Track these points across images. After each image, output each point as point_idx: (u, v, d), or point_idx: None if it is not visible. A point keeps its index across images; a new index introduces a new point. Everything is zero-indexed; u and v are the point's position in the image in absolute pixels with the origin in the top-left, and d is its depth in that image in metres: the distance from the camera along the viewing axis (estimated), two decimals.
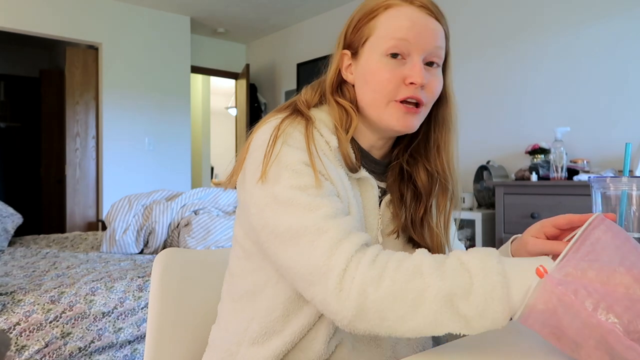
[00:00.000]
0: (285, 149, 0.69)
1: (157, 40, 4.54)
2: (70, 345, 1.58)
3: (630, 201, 0.69)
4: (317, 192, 0.66)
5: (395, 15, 0.74)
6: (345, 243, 0.61)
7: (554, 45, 2.87)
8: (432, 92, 0.77)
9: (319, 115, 0.77)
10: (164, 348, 0.86)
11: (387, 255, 0.61)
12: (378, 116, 0.76)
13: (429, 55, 0.75)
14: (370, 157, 0.82)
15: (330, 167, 0.71)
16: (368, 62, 0.76)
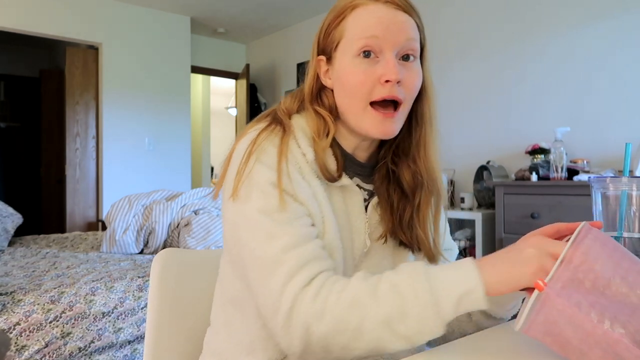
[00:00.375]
0: (257, 166, 0.69)
1: (157, 40, 4.54)
2: (70, 345, 1.58)
3: (630, 201, 0.69)
4: (282, 217, 0.66)
5: (362, 14, 0.73)
6: (296, 278, 0.63)
7: (553, 45, 2.87)
8: (410, 88, 0.75)
9: (299, 123, 0.77)
10: (164, 348, 0.86)
11: (328, 288, 0.62)
12: (356, 123, 0.75)
13: (402, 49, 0.73)
14: (355, 161, 0.81)
15: (301, 186, 0.70)
16: (341, 66, 0.75)
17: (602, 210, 0.72)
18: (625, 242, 0.69)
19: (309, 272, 0.63)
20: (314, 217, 0.70)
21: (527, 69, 2.99)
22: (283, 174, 0.69)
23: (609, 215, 0.71)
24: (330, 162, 0.75)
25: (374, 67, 0.72)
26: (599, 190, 0.72)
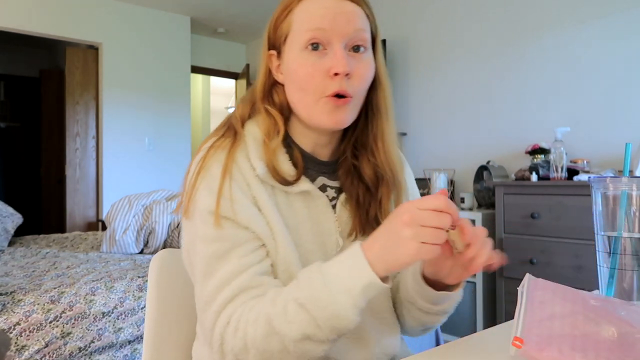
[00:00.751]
0: (200, 192, 0.70)
1: (157, 40, 4.54)
2: (70, 345, 1.58)
3: (630, 201, 0.69)
4: (219, 249, 0.67)
5: (308, 6, 0.72)
6: (221, 317, 0.65)
7: (554, 45, 2.87)
8: (361, 80, 0.73)
9: (252, 131, 0.75)
10: (163, 348, 0.86)
11: (244, 320, 0.64)
12: (308, 115, 0.74)
13: (351, 40, 0.72)
14: (317, 161, 0.79)
15: (245, 207, 0.69)
16: (290, 60, 0.73)
17: (602, 210, 0.72)
18: (625, 242, 0.69)
19: (231, 308, 0.65)
20: (262, 236, 0.69)
21: (527, 69, 2.99)
22: (223, 199, 0.68)
23: (609, 215, 0.71)
24: (284, 166, 0.74)
25: (322, 59, 0.71)
26: (599, 190, 0.72)
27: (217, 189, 0.69)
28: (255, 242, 0.69)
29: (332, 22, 0.70)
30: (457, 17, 3.37)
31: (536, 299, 0.58)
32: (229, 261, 0.67)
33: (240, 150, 0.73)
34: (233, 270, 0.66)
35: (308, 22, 0.71)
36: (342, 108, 0.72)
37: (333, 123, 0.73)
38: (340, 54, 0.70)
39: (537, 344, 0.52)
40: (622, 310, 0.58)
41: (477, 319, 2.74)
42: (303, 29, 0.71)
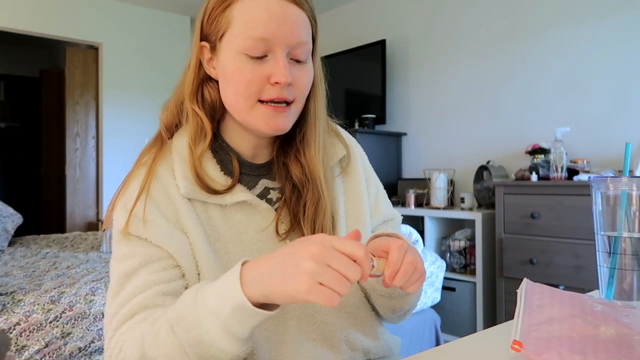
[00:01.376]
0: (116, 210, 0.71)
1: (157, 40, 4.54)
2: (70, 345, 1.58)
3: (630, 201, 0.69)
4: (128, 267, 0.66)
5: (251, 5, 0.66)
6: (114, 339, 0.64)
7: (554, 45, 2.87)
8: (301, 88, 0.70)
9: (179, 145, 0.72)
10: None
11: (129, 342, 0.61)
12: (244, 119, 0.70)
13: (293, 51, 0.68)
14: (255, 165, 0.77)
15: (158, 227, 0.67)
16: (227, 61, 0.69)
17: (602, 210, 0.72)
18: (625, 242, 0.69)
19: (125, 327, 0.63)
20: (177, 256, 0.66)
21: (527, 69, 2.99)
22: (135, 218, 0.67)
23: (609, 215, 0.71)
24: (212, 174, 0.71)
25: (262, 66, 0.67)
26: (599, 190, 0.72)
27: (130, 209, 0.68)
28: (167, 261, 0.66)
29: (275, 32, 0.66)
30: (457, 17, 3.37)
31: (534, 303, 0.58)
32: (135, 278, 0.65)
33: (164, 166, 0.71)
34: (137, 286, 0.65)
35: (249, 29, 0.66)
36: (282, 114, 0.69)
37: (271, 129, 0.70)
38: (282, 63, 0.66)
39: (536, 347, 0.52)
40: (623, 314, 0.58)
41: (477, 319, 2.74)
42: (243, 34, 0.66)
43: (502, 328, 0.70)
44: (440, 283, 2.42)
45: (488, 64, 3.19)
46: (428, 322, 2.31)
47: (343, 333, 0.76)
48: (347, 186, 0.83)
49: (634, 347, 0.52)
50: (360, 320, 0.78)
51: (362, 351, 0.77)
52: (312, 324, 0.74)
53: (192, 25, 4.84)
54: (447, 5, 3.44)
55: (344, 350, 0.75)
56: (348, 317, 0.77)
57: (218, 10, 0.70)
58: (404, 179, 3.52)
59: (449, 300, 2.87)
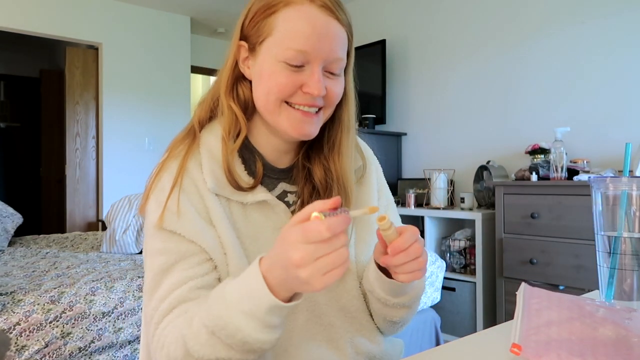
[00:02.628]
0: (150, 203, 0.72)
1: (157, 40, 4.54)
2: (70, 345, 1.58)
3: (630, 201, 0.69)
4: (161, 263, 0.68)
5: (295, 16, 0.69)
6: (159, 328, 0.66)
7: (553, 45, 2.87)
8: (332, 99, 0.73)
9: (208, 141, 0.74)
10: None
11: (170, 337, 0.64)
12: (272, 120, 0.73)
13: (329, 65, 0.71)
14: (277, 169, 0.79)
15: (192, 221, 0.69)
16: (265, 65, 0.71)
17: (602, 210, 0.72)
18: (625, 242, 0.69)
19: (166, 321, 0.66)
20: (210, 250, 0.69)
21: (527, 69, 2.99)
22: (169, 212, 0.69)
23: (609, 215, 0.71)
24: (239, 171, 0.73)
25: (297, 74, 0.70)
26: (599, 190, 0.72)
27: (163, 202, 0.69)
28: (201, 256, 0.69)
29: (315, 45, 0.68)
30: (457, 17, 3.37)
31: (533, 307, 0.59)
32: (172, 274, 0.67)
33: (193, 160, 0.72)
34: (174, 282, 0.67)
35: (291, 40, 0.68)
36: (310, 120, 0.72)
37: (298, 134, 0.72)
38: (317, 76, 0.69)
39: (535, 350, 0.52)
40: (625, 317, 0.58)
41: (477, 319, 2.74)
42: (284, 44, 0.69)
43: (502, 328, 0.70)
44: (440, 283, 2.42)
45: (488, 64, 3.19)
46: (428, 322, 2.31)
47: (348, 336, 0.77)
48: (358, 195, 0.84)
49: (632, 349, 0.52)
50: (364, 324, 0.80)
51: (366, 355, 0.78)
52: (319, 325, 0.76)
53: (192, 25, 4.85)
54: (447, 6, 3.44)
55: (349, 353, 0.76)
56: (353, 321, 0.79)
57: (262, 15, 0.72)
58: (404, 179, 3.52)
59: (449, 300, 2.87)
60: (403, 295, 0.74)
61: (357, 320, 0.79)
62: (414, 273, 0.63)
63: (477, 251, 2.74)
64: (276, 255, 0.55)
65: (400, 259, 0.61)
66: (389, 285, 0.71)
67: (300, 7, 0.69)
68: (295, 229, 0.52)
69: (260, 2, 0.72)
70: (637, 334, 0.55)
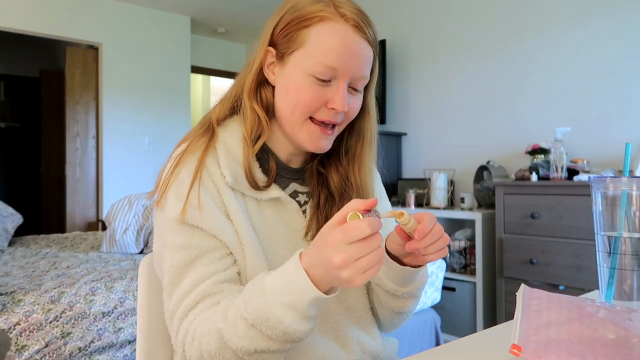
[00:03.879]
0: (169, 197, 0.71)
1: (157, 40, 4.54)
2: (70, 345, 1.58)
3: (630, 201, 0.69)
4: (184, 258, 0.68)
5: (328, 33, 0.71)
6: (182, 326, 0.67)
7: (553, 45, 2.87)
8: (350, 115, 0.77)
9: (225, 137, 0.75)
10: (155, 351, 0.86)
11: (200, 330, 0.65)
12: (292, 131, 0.76)
13: (354, 82, 0.74)
14: (290, 169, 0.81)
15: (213, 214, 0.70)
16: (293, 76, 0.73)
17: (602, 210, 0.72)
18: (625, 242, 0.69)
19: (192, 315, 0.67)
20: (230, 244, 0.70)
21: (527, 69, 2.99)
22: (191, 206, 0.69)
23: (609, 215, 0.71)
24: (255, 170, 0.75)
25: (324, 89, 0.72)
26: (599, 190, 0.72)
27: (184, 197, 0.70)
28: (222, 250, 0.70)
29: (345, 63, 0.71)
30: (457, 17, 3.37)
31: (532, 308, 0.59)
32: (194, 269, 0.68)
33: (210, 156, 0.74)
34: (197, 278, 0.68)
35: (323, 55, 0.70)
36: (327, 137, 0.75)
37: (314, 148, 0.76)
38: (342, 93, 0.72)
39: (535, 350, 0.52)
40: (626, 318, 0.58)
41: (477, 319, 2.74)
42: (316, 59, 0.71)
43: (502, 328, 0.71)
44: (441, 283, 2.42)
45: (488, 64, 3.19)
46: (428, 322, 2.31)
47: (355, 334, 0.79)
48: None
49: (632, 349, 0.52)
50: (368, 323, 0.82)
51: (370, 353, 0.80)
52: (326, 323, 0.78)
53: (192, 25, 4.85)
54: (447, 6, 3.44)
55: (355, 350, 0.78)
56: (359, 320, 0.81)
57: (295, 26, 0.73)
58: (404, 179, 3.52)
59: (449, 300, 2.87)
60: (412, 283, 0.76)
61: (363, 319, 0.82)
62: (441, 251, 0.67)
63: (477, 251, 2.74)
64: (317, 256, 0.58)
65: (427, 240, 0.64)
66: (401, 273, 0.73)
67: (335, 25, 0.71)
68: (336, 231, 0.55)
69: (293, 13, 0.73)
70: (637, 335, 0.55)
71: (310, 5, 0.72)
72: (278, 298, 0.59)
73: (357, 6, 0.74)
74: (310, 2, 0.73)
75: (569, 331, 0.55)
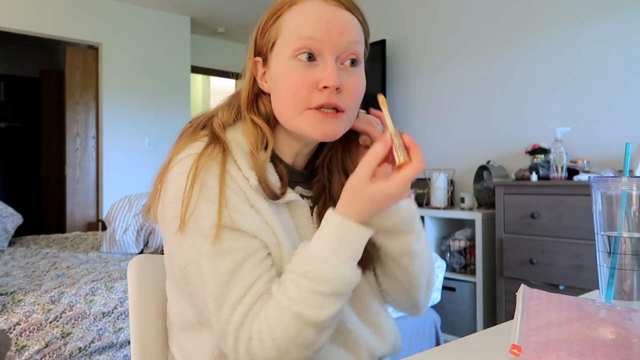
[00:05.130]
0: (201, 204, 0.64)
1: (157, 40, 4.54)
2: (70, 345, 1.58)
3: (630, 201, 0.69)
4: (227, 265, 0.64)
5: (300, 12, 0.68)
6: (242, 332, 0.62)
7: (554, 45, 2.87)
8: (352, 95, 0.70)
9: (236, 139, 0.71)
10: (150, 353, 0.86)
11: (266, 328, 0.62)
12: (293, 125, 0.70)
13: (344, 53, 0.68)
14: (295, 171, 0.77)
15: (250, 216, 0.66)
16: (277, 68, 0.70)
17: (602, 210, 0.72)
18: (625, 242, 0.69)
19: (249, 321, 0.62)
20: (269, 244, 0.67)
21: (527, 69, 2.99)
22: (228, 210, 0.65)
23: (609, 215, 0.71)
24: (272, 179, 0.71)
25: (311, 70, 0.67)
26: (599, 190, 0.72)
27: (216, 202, 0.65)
28: (264, 251, 0.67)
29: (325, 32, 0.66)
30: (457, 16, 3.37)
31: (532, 308, 0.59)
32: (243, 274, 0.64)
33: (230, 161, 0.69)
34: (248, 283, 0.64)
35: (299, 30, 0.67)
36: (332, 120, 0.69)
37: (320, 135, 0.69)
38: (331, 67, 0.67)
39: (535, 351, 0.52)
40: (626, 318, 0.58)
41: (477, 319, 2.74)
42: (293, 37, 0.68)
43: (502, 328, 0.70)
44: (440, 283, 2.42)
45: (488, 63, 3.19)
46: (428, 322, 2.31)
47: (365, 340, 0.77)
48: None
49: (632, 350, 0.52)
50: (377, 327, 0.80)
51: (379, 355, 0.80)
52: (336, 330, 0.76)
53: (192, 25, 4.85)
54: (447, 5, 3.44)
55: (363, 356, 0.77)
56: (367, 323, 0.80)
57: (270, 22, 0.72)
58: None
59: (449, 300, 2.87)
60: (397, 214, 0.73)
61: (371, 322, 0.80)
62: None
63: (477, 251, 2.74)
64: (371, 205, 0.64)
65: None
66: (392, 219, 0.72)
67: (305, 3, 0.69)
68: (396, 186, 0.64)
69: (268, 12, 0.73)
70: (637, 335, 0.55)
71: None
72: (339, 257, 0.62)
73: None
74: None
75: (569, 331, 0.55)
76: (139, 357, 0.85)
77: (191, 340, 0.74)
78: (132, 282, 0.87)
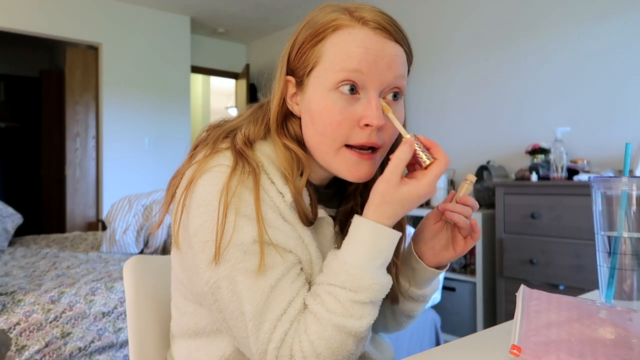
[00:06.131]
0: (239, 221, 0.61)
1: (157, 40, 4.54)
2: (70, 345, 1.58)
3: (630, 201, 0.69)
4: (270, 278, 0.61)
5: (345, 39, 0.62)
6: (283, 350, 0.60)
7: (554, 45, 2.87)
8: (392, 132, 0.67)
9: (266, 153, 0.68)
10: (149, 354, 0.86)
11: (307, 344, 0.60)
12: (326, 163, 0.67)
13: (388, 87, 0.65)
14: (320, 190, 0.74)
15: (286, 232, 0.64)
16: (314, 98, 0.64)
17: (602, 210, 0.72)
18: (625, 242, 0.69)
19: (290, 338, 0.60)
20: (302, 260, 0.66)
21: (527, 69, 2.99)
22: (266, 225, 0.62)
23: (609, 215, 0.71)
24: (307, 207, 0.67)
25: (353, 106, 0.63)
26: (599, 190, 0.72)
27: (254, 217, 0.62)
28: (298, 266, 0.65)
29: (372, 66, 0.62)
30: (457, 17, 3.37)
31: (532, 309, 0.59)
32: (282, 290, 0.62)
33: (263, 176, 0.66)
34: (287, 299, 0.62)
35: (344, 61, 0.62)
36: (367, 162, 0.65)
37: (355, 178, 0.66)
38: (375, 104, 0.62)
39: (534, 351, 0.52)
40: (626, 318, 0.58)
41: (477, 319, 2.74)
42: (336, 67, 0.62)
43: (502, 328, 0.70)
44: (441, 283, 2.42)
45: (488, 64, 3.19)
46: (428, 322, 2.31)
47: (369, 354, 0.78)
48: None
49: (632, 350, 0.52)
50: (377, 341, 0.83)
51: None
52: None
53: (192, 25, 4.85)
54: (447, 6, 3.44)
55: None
56: (375, 345, 0.82)
57: (309, 44, 0.65)
58: None
59: (449, 300, 2.87)
60: (429, 285, 0.78)
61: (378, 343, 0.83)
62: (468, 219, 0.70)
63: (477, 251, 2.74)
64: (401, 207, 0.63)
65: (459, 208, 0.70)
66: (423, 274, 0.75)
67: (351, 30, 0.63)
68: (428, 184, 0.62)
69: (307, 30, 0.66)
70: (637, 335, 0.55)
71: (323, 17, 0.65)
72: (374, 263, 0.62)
73: (377, 8, 0.66)
74: (324, 14, 0.65)
75: (569, 332, 0.55)
76: (138, 359, 0.85)
77: (203, 345, 0.72)
78: (128, 284, 0.87)
